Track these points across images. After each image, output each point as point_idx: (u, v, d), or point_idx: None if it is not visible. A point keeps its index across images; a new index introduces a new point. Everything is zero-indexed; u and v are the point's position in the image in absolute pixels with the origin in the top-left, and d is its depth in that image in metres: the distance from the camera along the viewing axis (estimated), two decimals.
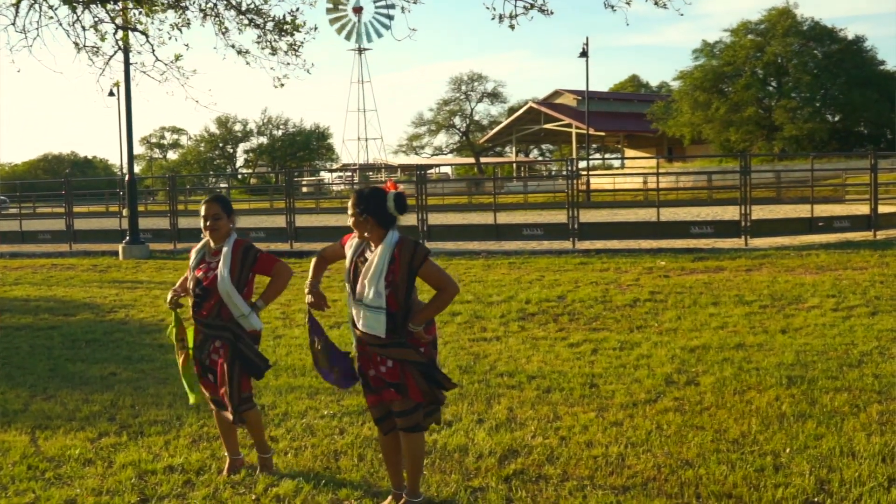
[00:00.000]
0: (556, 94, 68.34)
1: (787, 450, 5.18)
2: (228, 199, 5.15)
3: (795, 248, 15.88)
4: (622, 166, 61.39)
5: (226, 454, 5.22)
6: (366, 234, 4.35)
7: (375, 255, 4.27)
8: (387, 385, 4.37)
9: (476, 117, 79.90)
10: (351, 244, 4.47)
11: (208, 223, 4.91)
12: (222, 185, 62.00)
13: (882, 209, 19.45)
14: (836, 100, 51.32)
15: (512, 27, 10.94)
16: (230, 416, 4.97)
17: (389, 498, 4.59)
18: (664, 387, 6.74)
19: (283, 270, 4.94)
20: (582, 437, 5.55)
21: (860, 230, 18.41)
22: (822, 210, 21.48)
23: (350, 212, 4.36)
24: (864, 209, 19.98)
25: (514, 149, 77.73)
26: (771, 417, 5.83)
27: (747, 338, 8.43)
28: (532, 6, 10.43)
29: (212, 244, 4.98)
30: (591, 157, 66.31)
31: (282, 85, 12.25)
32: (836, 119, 53.03)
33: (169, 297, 5.05)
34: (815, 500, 4.47)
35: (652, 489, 4.68)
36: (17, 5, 10.86)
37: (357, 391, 6.81)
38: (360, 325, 4.36)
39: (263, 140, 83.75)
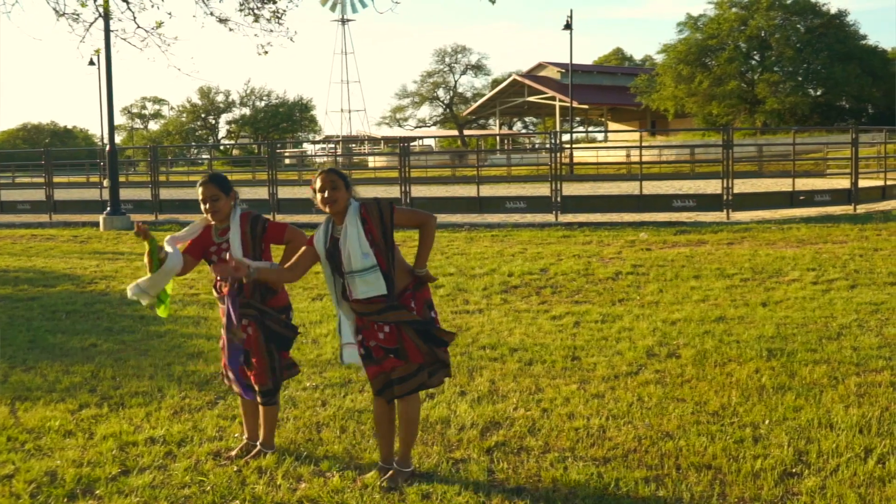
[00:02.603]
0: (540, 66, 68.08)
1: (767, 421, 5.23)
2: (224, 176, 5.02)
3: (777, 221, 15.97)
4: (605, 139, 61.34)
5: (244, 437, 5.06)
6: (343, 206, 4.39)
7: (347, 223, 4.38)
8: (387, 353, 4.41)
9: (460, 89, 79.49)
10: (318, 237, 4.51)
11: (207, 206, 4.83)
12: (204, 157, 61.49)
13: (862, 183, 19.59)
14: (818, 74, 51.35)
15: (493, 0, 10.81)
16: (257, 398, 4.88)
17: (374, 471, 4.56)
18: (645, 359, 6.77)
19: (295, 235, 4.86)
20: (563, 410, 5.58)
21: (841, 204, 18.55)
22: (804, 184, 21.58)
23: (332, 186, 4.37)
24: (844, 183, 20.11)
25: (497, 121, 77.53)
26: (751, 389, 5.88)
27: (728, 311, 8.48)
28: None
29: (218, 225, 4.90)
30: (574, 130, 66.25)
31: (265, 52, 12.14)
32: (818, 93, 53.08)
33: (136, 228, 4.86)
34: (794, 471, 4.51)
35: (632, 461, 4.71)
36: None
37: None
38: (358, 295, 4.37)
39: (246, 111, 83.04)
